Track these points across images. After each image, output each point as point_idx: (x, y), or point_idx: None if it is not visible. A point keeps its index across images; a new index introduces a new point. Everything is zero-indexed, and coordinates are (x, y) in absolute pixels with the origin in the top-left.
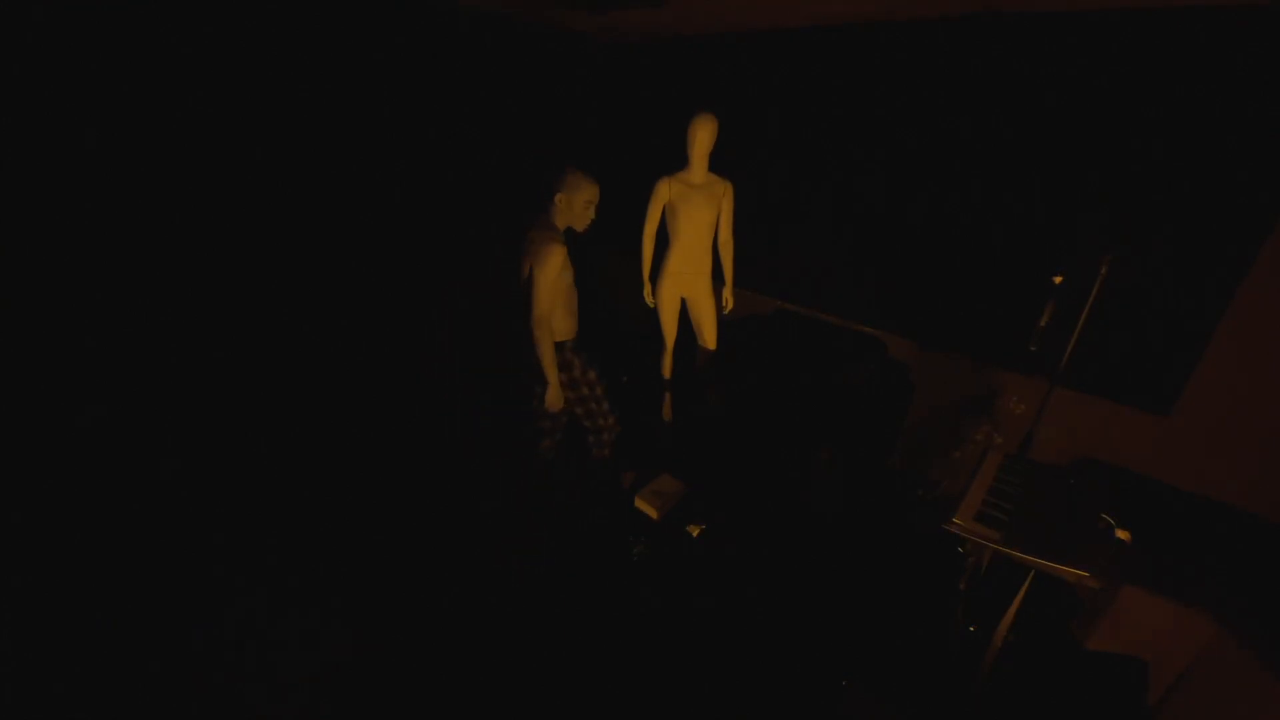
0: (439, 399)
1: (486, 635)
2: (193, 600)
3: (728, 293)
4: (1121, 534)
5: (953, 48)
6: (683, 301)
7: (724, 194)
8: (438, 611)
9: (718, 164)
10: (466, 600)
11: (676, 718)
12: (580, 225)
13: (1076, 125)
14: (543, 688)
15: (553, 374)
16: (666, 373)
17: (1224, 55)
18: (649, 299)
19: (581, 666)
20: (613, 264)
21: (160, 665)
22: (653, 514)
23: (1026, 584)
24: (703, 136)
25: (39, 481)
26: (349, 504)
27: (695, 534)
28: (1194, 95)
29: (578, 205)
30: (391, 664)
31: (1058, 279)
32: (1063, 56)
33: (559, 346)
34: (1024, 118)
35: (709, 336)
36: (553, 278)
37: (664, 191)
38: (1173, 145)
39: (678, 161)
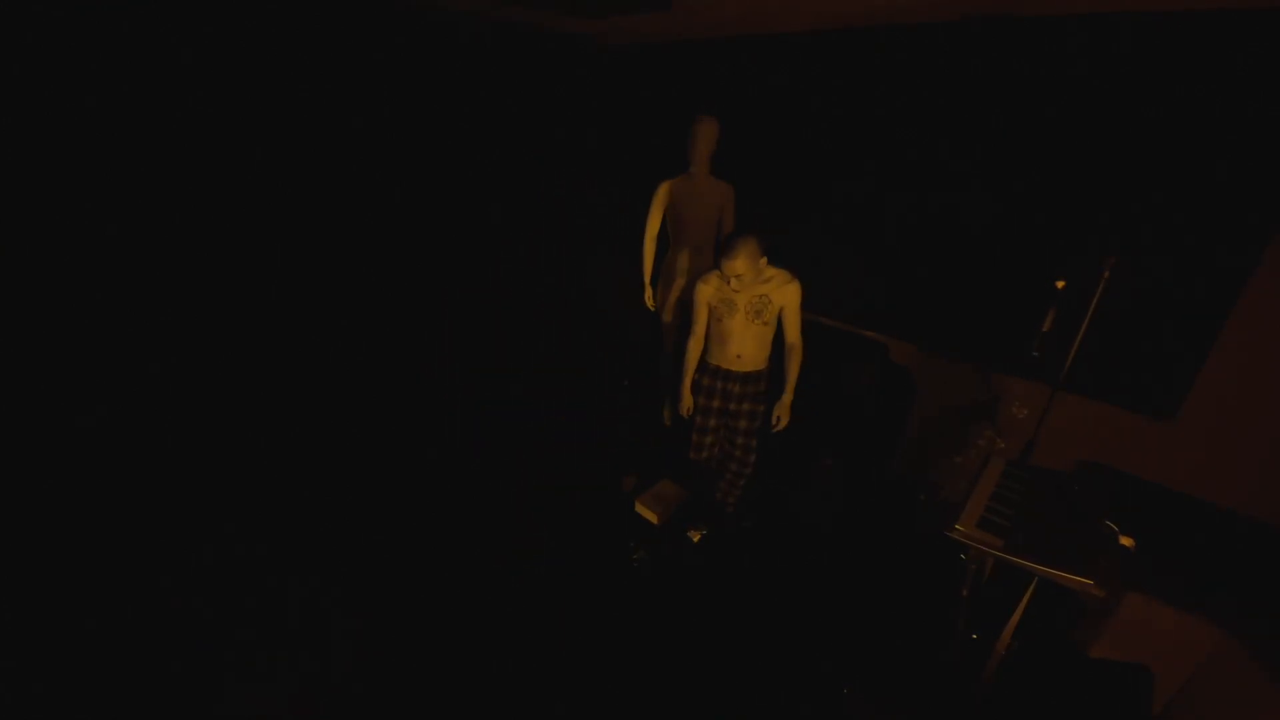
0: (439, 401)
1: (488, 639)
2: (196, 602)
3: None
4: (1125, 540)
5: (955, 51)
6: (684, 305)
7: (725, 197)
8: (439, 615)
9: (719, 167)
10: (467, 604)
11: None
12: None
13: (1078, 129)
14: (544, 691)
15: (686, 381)
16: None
17: (1226, 59)
18: (650, 302)
19: (582, 671)
20: (614, 267)
21: (163, 667)
22: (653, 519)
23: (1029, 591)
24: (704, 139)
25: (41, 482)
26: (351, 506)
27: (696, 539)
28: (1196, 100)
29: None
30: (395, 666)
31: (1060, 284)
32: (1064, 61)
33: (708, 369)
34: (1026, 122)
35: None
36: (695, 308)
37: (666, 194)
38: (1175, 150)
39: (679, 164)
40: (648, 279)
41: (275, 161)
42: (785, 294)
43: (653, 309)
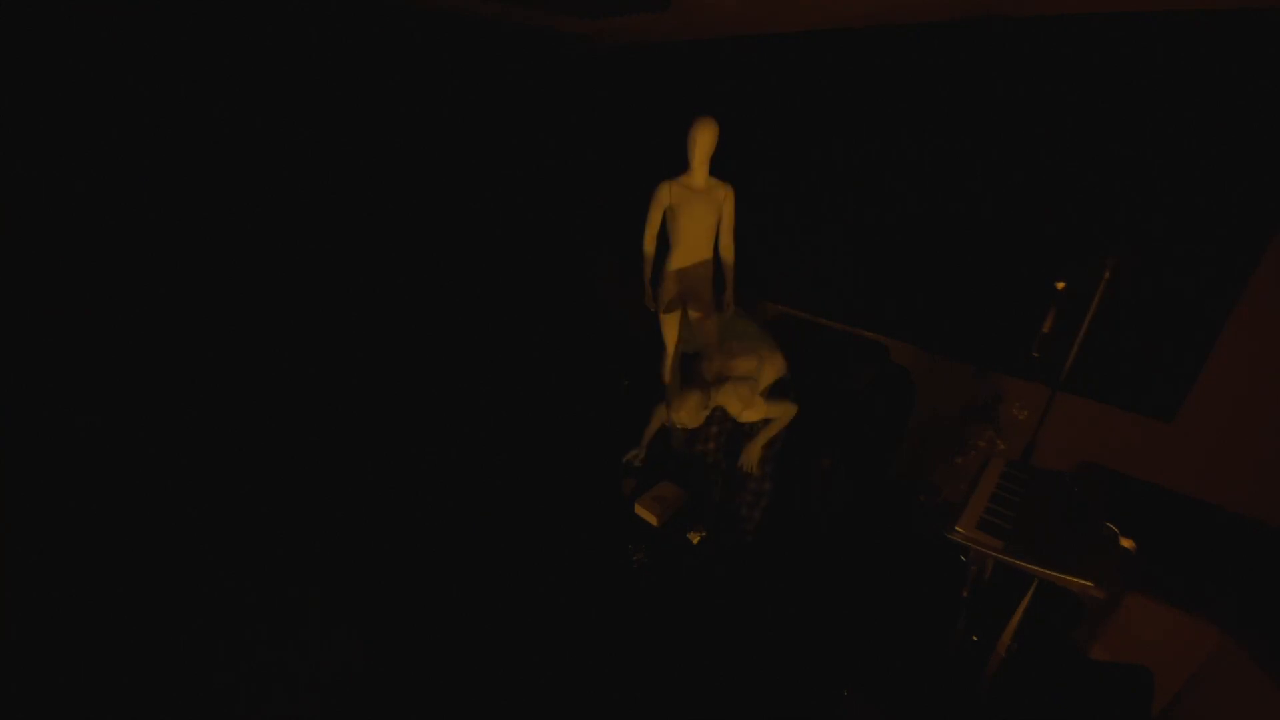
0: (438, 401)
1: (487, 640)
2: (201, 607)
3: (729, 297)
4: (1125, 542)
5: (956, 52)
6: (684, 306)
7: (725, 198)
8: (439, 616)
9: (719, 167)
10: (467, 605)
11: None
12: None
13: (1079, 130)
14: (543, 693)
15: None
16: (667, 378)
17: (1227, 60)
18: (650, 304)
19: (582, 672)
20: (614, 269)
21: (169, 673)
22: (653, 520)
23: (1030, 592)
24: (703, 141)
25: (41, 481)
26: (350, 507)
27: (696, 541)
28: (1197, 101)
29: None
30: (397, 670)
31: (1060, 285)
32: (1064, 61)
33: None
34: (1025, 122)
35: (710, 341)
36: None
37: (665, 196)
38: (1176, 151)
39: (678, 166)
40: (647, 279)
41: (273, 162)
42: (751, 412)
43: (653, 310)
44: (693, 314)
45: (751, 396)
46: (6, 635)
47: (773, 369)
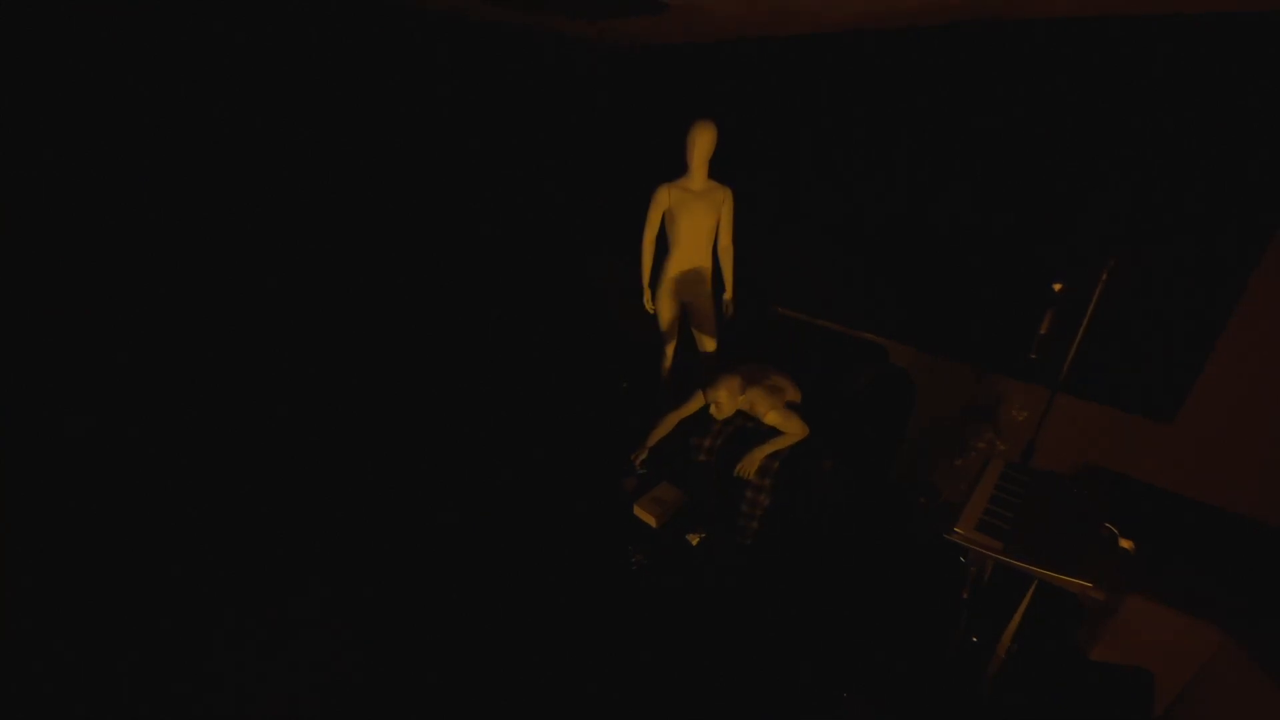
0: (438, 402)
1: (485, 641)
2: (200, 608)
3: (728, 299)
4: (1125, 543)
5: (953, 54)
6: (682, 308)
7: (723, 200)
8: (437, 617)
9: (717, 169)
10: (465, 606)
11: None
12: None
13: (1078, 132)
14: (543, 693)
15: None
16: (665, 379)
17: (1227, 61)
18: (648, 305)
19: (581, 673)
20: (612, 271)
21: (168, 674)
22: (652, 522)
23: (1029, 594)
24: (702, 143)
25: (42, 488)
26: (354, 511)
27: (695, 542)
28: (1196, 103)
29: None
30: (397, 670)
31: (1057, 286)
32: (1064, 64)
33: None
34: (1025, 124)
35: (709, 343)
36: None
37: (663, 198)
38: (1176, 151)
39: (677, 167)
40: (646, 282)
41: (273, 162)
42: (775, 415)
43: (651, 312)
44: (693, 318)
45: (779, 404)
46: (6, 635)
47: (793, 391)
